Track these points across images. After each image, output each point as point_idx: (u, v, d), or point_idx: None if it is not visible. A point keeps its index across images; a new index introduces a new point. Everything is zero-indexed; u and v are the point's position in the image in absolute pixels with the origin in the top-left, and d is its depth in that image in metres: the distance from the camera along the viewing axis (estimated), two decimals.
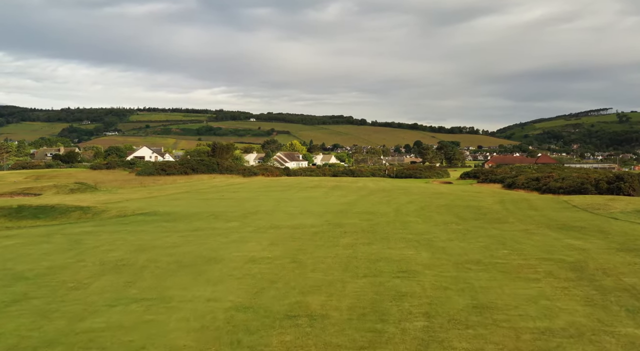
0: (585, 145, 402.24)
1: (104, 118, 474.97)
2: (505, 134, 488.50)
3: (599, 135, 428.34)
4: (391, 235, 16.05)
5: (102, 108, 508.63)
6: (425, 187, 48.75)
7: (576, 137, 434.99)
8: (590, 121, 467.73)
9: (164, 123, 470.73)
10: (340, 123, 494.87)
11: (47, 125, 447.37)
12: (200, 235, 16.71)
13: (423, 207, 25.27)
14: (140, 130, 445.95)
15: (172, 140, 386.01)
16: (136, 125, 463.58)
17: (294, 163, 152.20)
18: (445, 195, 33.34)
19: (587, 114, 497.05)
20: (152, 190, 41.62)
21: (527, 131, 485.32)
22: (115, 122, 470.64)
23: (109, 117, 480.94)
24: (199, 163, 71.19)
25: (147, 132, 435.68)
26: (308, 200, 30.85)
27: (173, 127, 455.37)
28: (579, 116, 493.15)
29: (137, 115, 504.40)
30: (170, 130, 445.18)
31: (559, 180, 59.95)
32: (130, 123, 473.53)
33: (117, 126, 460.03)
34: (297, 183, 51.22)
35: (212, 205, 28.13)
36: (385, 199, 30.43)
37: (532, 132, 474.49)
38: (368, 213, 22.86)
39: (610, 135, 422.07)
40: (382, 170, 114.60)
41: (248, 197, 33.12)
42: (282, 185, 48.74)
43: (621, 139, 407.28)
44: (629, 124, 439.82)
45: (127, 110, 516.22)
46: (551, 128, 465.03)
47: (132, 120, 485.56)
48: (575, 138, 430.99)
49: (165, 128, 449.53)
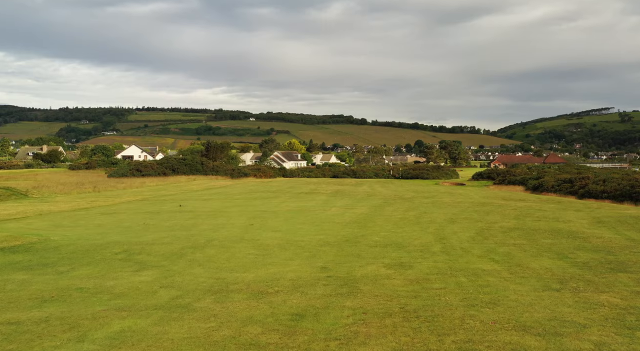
0: (587, 144, 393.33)
1: (103, 118, 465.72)
2: (506, 134, 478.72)
3: (601, 135, 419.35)
4: (487, 342, 6.18)
5: (101, 107, 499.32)
6: (449, 191, 38.96)
7: (578, 136, 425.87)
8: (592, 120, 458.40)
9: (163, 122, 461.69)
10: (340, 123, 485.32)
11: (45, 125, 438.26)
12: None
13: (481, 232, 15.41)
14: (139, 129, 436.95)
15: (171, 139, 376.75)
16: (135, 125, 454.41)
17: (292, 163, 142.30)
18: (492, 206, 23.43)
19: (589, 114, 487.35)
20: (100, 197, 31.77)
21: (528, 130, 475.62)
22: (114, 122, 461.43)
23: (107, 117, 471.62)
24: (180, 163, 61.34)
25: (145, 131, 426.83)
26: (299, 215, 21.01)
27: (172, 126, 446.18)
28: (580, 115, 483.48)
29: (135, 115, 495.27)
30: (169, 129, 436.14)
31: (598, 182, 50.16)
32: (128, 123, 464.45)
33: (115, 126, 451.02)
34: (290, 188, 41.42)
35: (146, 228, 18.27)
36: (412, 214, 20.56)
37: (533, 131, 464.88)
38: (397, 246, 13.06)
39: (612, 134, 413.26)
40: (386, 170, 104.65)
41: (214, 210, 23.26)
42: (271, 190, 38.85)
43: (623, 139, 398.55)
44: (631, 124, 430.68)
45: (126, 110, 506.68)
46: (553, 128, 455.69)
47: (131, 120, 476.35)
48: (577, 137, 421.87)
49: (164, 128, 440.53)
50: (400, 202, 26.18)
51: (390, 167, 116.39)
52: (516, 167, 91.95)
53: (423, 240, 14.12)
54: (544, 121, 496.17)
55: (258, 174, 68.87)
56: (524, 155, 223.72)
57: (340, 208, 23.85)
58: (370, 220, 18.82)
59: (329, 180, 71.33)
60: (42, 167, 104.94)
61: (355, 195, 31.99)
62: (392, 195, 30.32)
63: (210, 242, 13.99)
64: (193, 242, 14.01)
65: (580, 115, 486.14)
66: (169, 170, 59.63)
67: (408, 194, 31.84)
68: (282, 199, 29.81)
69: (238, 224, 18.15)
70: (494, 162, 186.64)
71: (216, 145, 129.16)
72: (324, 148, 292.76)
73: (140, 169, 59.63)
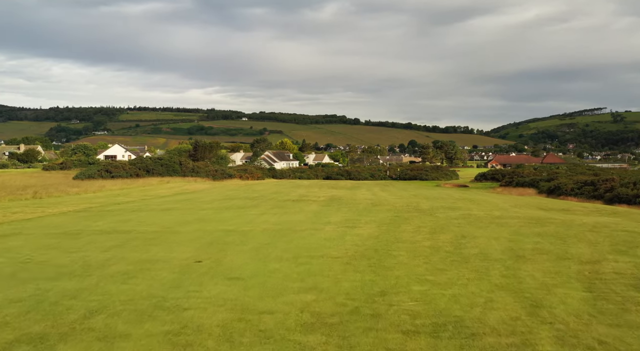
0: (580, 144, 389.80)
1: (93, 118, 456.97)
2: (499, 134, 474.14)
3: (594, 135, 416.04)
4: None
5: (92, 107, 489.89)
6: (465, 197, 32.13)
7: (571, 136, 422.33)
8: (584, 121, 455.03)
9: (155, 122, 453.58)
10: (333, 123, 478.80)
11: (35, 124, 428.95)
12: None
13: (592, 287, 8.22)
14: (130, 129, 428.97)
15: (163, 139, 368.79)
16: (126, 125, 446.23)
17: (283, 163, 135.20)
18: (554, 224, 16.49)
19: (582, 114, 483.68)
20: (30, 206, 24.62)
21: (521, 131, 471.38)
22: (105, 122, 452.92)
23: (98, 116, 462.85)
24: (156, 164, 54.11)
25: (137, 131, 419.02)
26: (278, 240, 14.06)
27: (164, 126, 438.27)
28: (573, 116, 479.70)
29: (127, 115, 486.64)
30: (160, 129, 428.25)
31: (628, 185, 43.55)
32: (120, 123, 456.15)
33: (106, 125, 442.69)
34: (275, 193, 34.46)
35: (13, 275, 11.33)
36: (445, 239, 13.58)
37: (526, 131, 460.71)
38: (459, 334, 6.30)
39: (605, 134, 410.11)
40: (382, 171, 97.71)
41: (161, 230, 16.24)
42: (252, 196, 31.82)
43: (616, 139, 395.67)
44: (624, 124, 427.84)
45: (117, 110, 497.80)
46: (546, 128, 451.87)
47: (122, 120, 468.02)
48: (570, 137, 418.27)
49: (155, 128, 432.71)
50: (417, 216, 19.22)
51: (386, 167, 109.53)
52: (521, 168, 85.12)
53: (502, 312, 7.25)
54: (537, 121, 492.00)
55: (244, 175, 61.84)
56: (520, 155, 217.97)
57: (338, 226, 16.92)
58: (385, 252, 11.89)
59: (322, 182, 64.47)
60: (18, 167, 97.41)
61: (356, 203, 25.02)
62: (404, 206, 23.33)
63: (87, 321, 7.05)
64: (56, 320, 7.06)
65: (572, 115, 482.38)
66: (143, 171, 52.45)
67: (422, 203, 24.83)
68: (262, 209, 22.85)
69: (177, 261, 11.17)
70: (491, 162, 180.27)
71: (204, 145, 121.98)
72: (317, 148, 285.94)
73: (110, 170, 52.37)
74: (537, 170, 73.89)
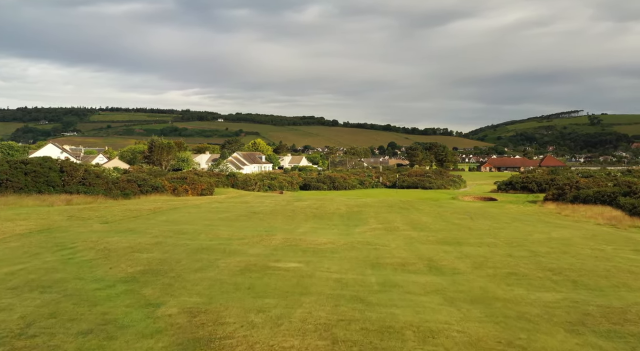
0: (559, 147, 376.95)
1: (63, 118, 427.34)
2: (478, 136, 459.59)
3: (572, 137, 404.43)
4: None
5: (62, 107, 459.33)
6: (563, 237, 11.58)
7: (549, 138, 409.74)
8: (562, 123, 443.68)
9: (127, 123, 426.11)
10: (311, 124, 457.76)
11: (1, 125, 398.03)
12: None
13: None
14: (102, 130, 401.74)
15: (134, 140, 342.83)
16: (97, 126, 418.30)
17: (254, 166, 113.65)
18: None
19: (559, 116, 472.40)
20: None
21: (499, 133, 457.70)
22: (75, 122, 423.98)
23: (68, 117, 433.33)
24: (17, 173, 31.94)
25: (108, 132, 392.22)
26: None
27: (136, 127, 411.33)
28: (550, 118, 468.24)
29: (98, 115, 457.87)
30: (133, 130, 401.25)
31: None
32: (91, 124, 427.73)
33: (76, 126, 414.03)
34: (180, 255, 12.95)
35: None
36: None
37: (504, 133, 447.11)
38: None
39: (583, 137, 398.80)
40: (373, 178, 76.94)
41: None
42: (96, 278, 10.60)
43: (595, 141, 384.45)
44: (601, 126, 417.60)
45: (89, 110, 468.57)
46: (524, 130, 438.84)
47: (94, 121, 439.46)
48: (549, 140, 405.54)
49: (127, 129, 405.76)
50: None
51: (377, 172, 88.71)
52: (558, 173, 65.23)
53: None
54: (515, 124, 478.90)
55: (182, 187, 40.37)
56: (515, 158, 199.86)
57: None
58: None
59: (298, 197, 43.39)
60: None
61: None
62: None
63: None
64: None
65: (550, 117, 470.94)
66: None
67: None
68: None
69: None
70: (485, 165, 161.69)
71: (161, 145, 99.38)
72: (294, 150, 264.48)
73: None
74: (596, 177, 53.87)
